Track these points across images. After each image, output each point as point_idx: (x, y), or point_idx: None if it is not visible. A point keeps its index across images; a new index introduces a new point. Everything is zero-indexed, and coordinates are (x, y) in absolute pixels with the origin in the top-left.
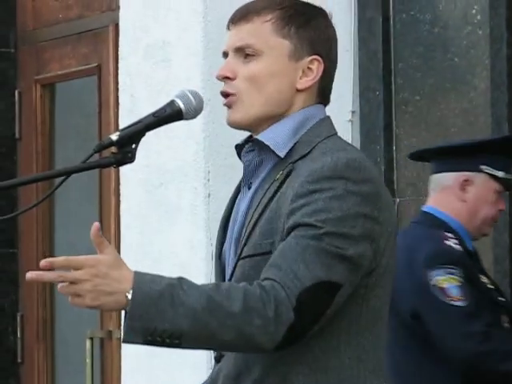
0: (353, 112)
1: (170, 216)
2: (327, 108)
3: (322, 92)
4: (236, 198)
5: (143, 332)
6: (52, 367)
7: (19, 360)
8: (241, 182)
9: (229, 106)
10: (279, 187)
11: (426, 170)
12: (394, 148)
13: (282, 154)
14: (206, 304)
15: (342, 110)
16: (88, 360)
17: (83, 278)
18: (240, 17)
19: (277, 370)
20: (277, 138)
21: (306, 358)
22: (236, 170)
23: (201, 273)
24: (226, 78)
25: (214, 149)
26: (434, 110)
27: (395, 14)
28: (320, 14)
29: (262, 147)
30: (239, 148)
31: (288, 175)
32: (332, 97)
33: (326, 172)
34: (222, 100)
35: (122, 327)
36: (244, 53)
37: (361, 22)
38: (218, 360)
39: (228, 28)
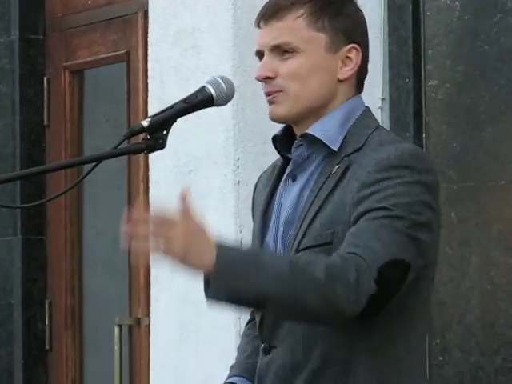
0: (383, 99)
1: (199, 203)
2: None
3: (361, 80)
4: (274, 191)
5: (228, 291)
6: (80, 354)
7: (47, 347)
8: (269, 174)
9: (273, 101)
10: (339, 181)
11: (455, 158)
12: (424, 135)
13: (335, 148)
14: (290, 268)
15: (372, 97)
16: (116, 347)
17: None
18: (270, 14)
19: (337, 357)
20: (328, 131)
21: (367, 346)
22: (266, 156)
23: None
24: (266, 78)
25: (243, 136)
26: (464, 97)
27: (425, 1)
28: (348, 1)
29: (313, 141)
30: (278, 140)
31: (347, 169)
32: None
33: (393, 161)
34: (266, 98)
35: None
36: (281, 50)
37: (391, 9)
38: (267, 351)
39: (258, 26)
